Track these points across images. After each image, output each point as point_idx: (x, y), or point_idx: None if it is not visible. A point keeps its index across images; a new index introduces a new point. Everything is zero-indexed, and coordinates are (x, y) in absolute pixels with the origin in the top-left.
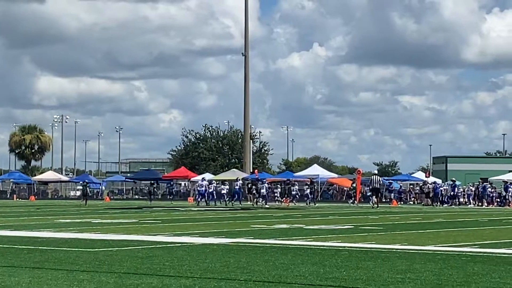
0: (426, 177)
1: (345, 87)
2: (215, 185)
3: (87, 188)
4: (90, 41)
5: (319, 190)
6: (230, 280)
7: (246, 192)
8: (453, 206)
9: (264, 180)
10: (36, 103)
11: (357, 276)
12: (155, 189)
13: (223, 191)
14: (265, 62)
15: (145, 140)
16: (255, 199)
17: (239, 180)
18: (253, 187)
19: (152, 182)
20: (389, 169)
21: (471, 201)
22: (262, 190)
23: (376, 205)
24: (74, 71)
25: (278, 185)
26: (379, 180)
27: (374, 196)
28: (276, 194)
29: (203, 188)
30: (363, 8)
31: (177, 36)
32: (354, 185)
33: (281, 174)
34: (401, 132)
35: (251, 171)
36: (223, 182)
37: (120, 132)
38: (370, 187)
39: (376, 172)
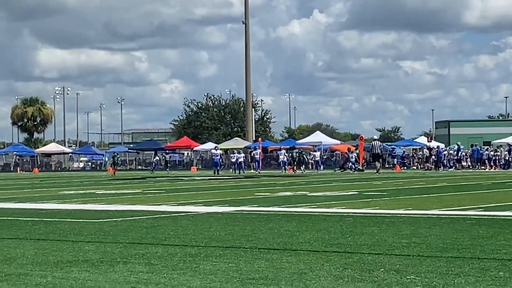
0: (428, 141)
1: (346, 53)
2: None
3: (116, 158)
4: (90, 13)
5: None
6: (235, 248)
7: (249, 160)
8: (457, 170)
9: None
10: (38, 76)
11: (362, 242)
12: (167, 159)
13: (239, 160)
14: (265, 30)
15: (147, 110)
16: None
17: (218, 149)
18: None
19: (168, 152)
20: (392, 135)
21: (474, 164)
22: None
23: (378, 171)
24: (75, 42)
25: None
26: (380, 145)
27: (376, 162)
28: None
29: (218, 157)
30: None
31: (177, 5)
32: (351, 154)
33: (284, 141)
34: (403, 97)
35: (254, 139)
36: (238, 151)
37: (122, 103)
38: (371, 153)
39: (376, 137)
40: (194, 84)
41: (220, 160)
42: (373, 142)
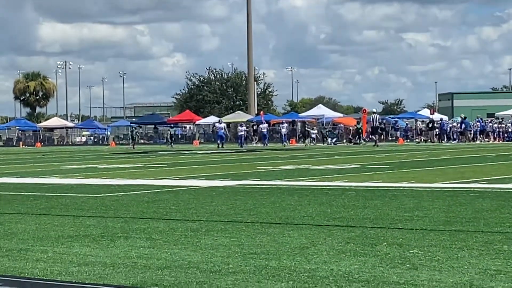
0: (431, 114)
1: (348, 25)
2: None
3: (135, 132)
4: None
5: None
6: (237, 222)
7: (251, 134)
8: (460, 142)
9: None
10: (39, 50)
11: (365, 216)
12: (171, 133)
13: (240, 133)
14: (267, 2)
15: (149, 84)
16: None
17: (222, 122)
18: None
19: (172, 126)
20: (395, 107)
21: (478, 136)
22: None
23: (376, 144)
24: (76, 17)
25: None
26: (378, 118)
27: (375, 135)
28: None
29: (222, 131)
30: None
31: None
32: (359, 125)
33: (286, 115)
34: (406, 69)
35: (256, 113)
36: (241, 124)
37: (124, 77)
38: (370, 126)
39: (375, 110)
40: (196, 58)
41: (224, 133)
42: (372, 115)
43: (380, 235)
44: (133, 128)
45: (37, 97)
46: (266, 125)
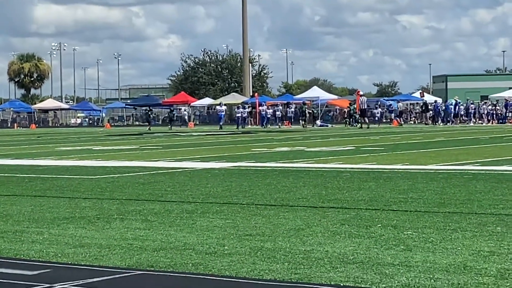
0: (421, 96)
1: (343, 7)
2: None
3: (150, 113)
4: None
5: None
6: (232, 204)
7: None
8: (454, 125)
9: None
10: (34, 31)
11: (360, 197)
12: (171, 116)
13: (238, 115)
14: None
15: (144, 66)
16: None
17: (223, 105)
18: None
19: (172, 109)
20: (389, 89)
21: (473, 119)
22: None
23: (367, 126)
24: None
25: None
26: (366, 100)
27: (364, 118)
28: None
29: (223, 113)
30: None
31: None
32: (352, 106)
33: (281, 97)
34: (400, 51)
35: (251, 94)
36: (238, 106)
37: (119, 58)
38: (359, 108)
39: (361, 93)
40: (191, 40)
41: (224, 115)
42: (360, 98)
43: (374, 216)
44: (148, 110)
45: (32, 79)
46: (265, 107)
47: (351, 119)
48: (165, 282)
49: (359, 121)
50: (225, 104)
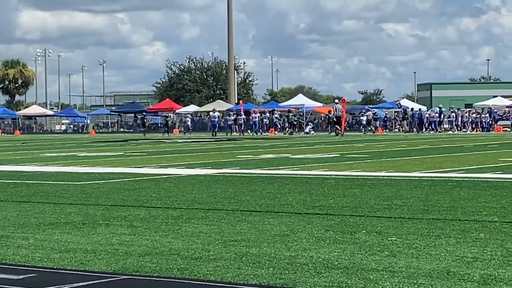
0: (398, 107)
1: (328, 15)
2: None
3: (145, 119)
4: None
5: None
6: (217, 210)
7: (234, 123)
8: (439, 132)
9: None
10: (19, 38)
11: (344, 204)
12: (168, 122)
13: (230, 122)
14: None
15: (129, 72)
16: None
17: (216, 111)
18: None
19: (167, 116)
20: (374, 97)
21: (454, 126)
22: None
23: (341, 134)
24: (56, 4)
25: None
26: (340, 108)
27: (338, 125)
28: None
29: (216, 119)
30: None
31: None
32: (331, 114)
33: (266, 104)
34: (385, 59)
35: (236, 102)
36: (229, 113)
37: (104, 65)
38: (333, 116)
39: (336, 101)
40: (177, 46)
41: (218, 122)
42: (335, 106)
43: (359, 223)
44: (143, 115)
45: (16, 85)
46: (258, 114)
47: (330, 126)
48: (151, 287)
49: (334, 129)
50: (209, 111)
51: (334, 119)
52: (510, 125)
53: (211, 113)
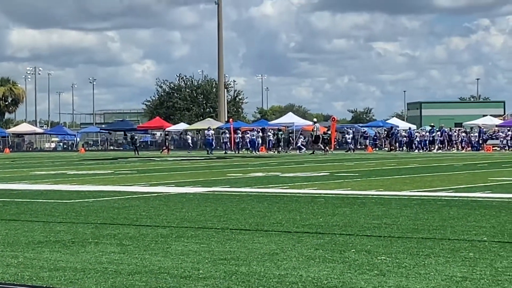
0: (385, 130)
1: (318, 34)
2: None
3: (135, 138)
4: None
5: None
6: (207, 228)
7: (221, 141)
8: (429, 151)
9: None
10: (9, 55)
11: (334, 223)
12: (167, 139)
13: (225, 140)
14: (238, 10)
15: (119, 91)
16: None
17: (211, 129)
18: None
19: (167, 133)
20: (364, 116)
21: (439, 144)
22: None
23: (327, 151)
24: (46, 22)
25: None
26: (319, 127)
27: (321, 144)
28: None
29: (210, 138)
30: None
31: None
32: (329, 132)
33: (256, 122)
34: (375, 78)
35: (226, 120)
36: (224, 131)
37: (94, 83)
38: (314, 135)
39: (315, 120)
40: (167, 65)
41: (213, 140)
42: (315, 125)
43: (348, 241)
44: (133, 134)
45: (6, 103)
46: (255, 132)
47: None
48: None
49: (313, 148)
50: (199, 130)
51: (313, 138)
52: (500, 144)
53: (205, 132)
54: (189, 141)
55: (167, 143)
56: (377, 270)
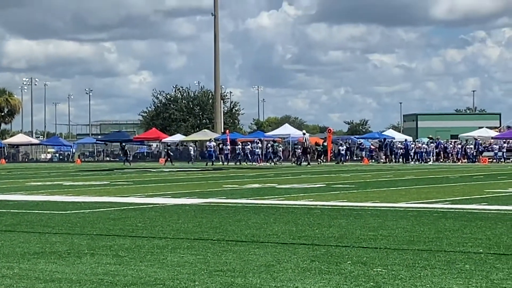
0: (377, 142)
1: (315, 46)
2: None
3: (125, 148)
4: (59, 3)
5: (290, 149)
6: (203, 240)
7: (218, 152)
8: (425, 163)
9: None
10: (5, 66)
11: (330, 234)
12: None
13: (226, 152)
14: (235, 22)
15: (116, 101)
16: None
17: (213, 141)
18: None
19: (169, 144)
20: (360, 128)
21: (432, 157)
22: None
23: (309, 163)
24: (43, 33)
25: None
26: (308, 139)
27: (307, 155)
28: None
29: (212, 149)
30: None
31: None
32: (325, 143)
33: (252, 134)
34: (371, 90)
35: (222, 131)
36: (225, 143)
37: (90, 94)
38: (302, 147)
39: (304, 132)
40: (163, 76)
41: (215, 152)
42: (304, 136)
43: (344, 253)
44: (124, 144)
45: (2, 114)
46: (260, 144)
47: (319, 157)
48: None
49: (303, 158)
50: (195, 141)
51: (302, 149)
52: (494, 156)
53: (207, 143)
54: (192, 152)
55: (168, 154)
56: (373, 282)
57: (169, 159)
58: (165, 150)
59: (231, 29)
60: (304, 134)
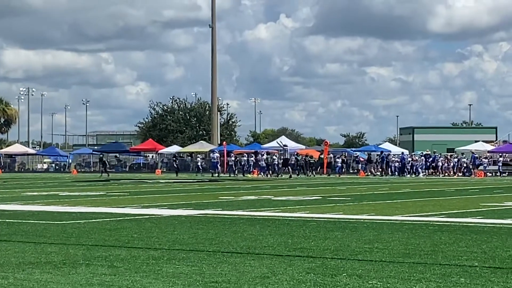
0: (361, 159)
1: (312, 58)
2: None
3: (104, 159)
4: (56, 13)
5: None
6: (199, 251)
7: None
8: (419, 176)
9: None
10: (2, 76)
11: (325, 247)
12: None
13: (230, 163)
14: (232, 34)
15: (112, 112)
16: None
17: (216, 152)
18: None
19: (176, 156)
20: (357, 140)
21: (425, 171)
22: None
23: (289, 176)
24: (40, 43)
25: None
26: (289, 151)
27: (288, 167)
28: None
29: (216, 160)
30: None
31: (144, 7)
32: (322, 156)
33: (249, 146)
34: (368, 103)
35: (219, 143)
36: (229, 154)
37: (87, 104)
38: (282, 159)
39: (286, 144)
40: (160, 87)
41: (218, 163)
42: (284, 148)
43: (340, 266)
44: (102, 155)
45: None
46: (264, 156)
47: (313, 168)
48: None
49: (281, 170)
50: (191, 152)
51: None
52: (483, 170)
53: (211, 154)
54: (199, 164)
55: (175, 166)
56: None
57: (176, 171)
58: (173, 161)
59: (229, 41)
60: (285, 146)
